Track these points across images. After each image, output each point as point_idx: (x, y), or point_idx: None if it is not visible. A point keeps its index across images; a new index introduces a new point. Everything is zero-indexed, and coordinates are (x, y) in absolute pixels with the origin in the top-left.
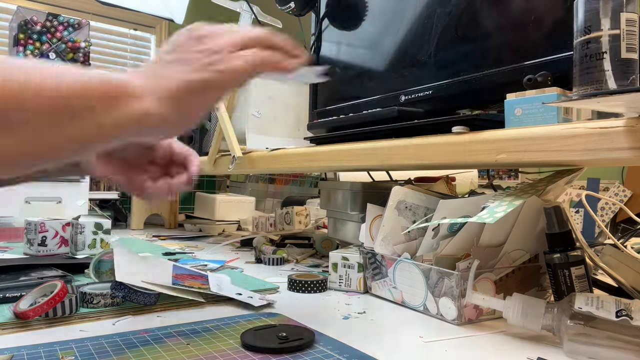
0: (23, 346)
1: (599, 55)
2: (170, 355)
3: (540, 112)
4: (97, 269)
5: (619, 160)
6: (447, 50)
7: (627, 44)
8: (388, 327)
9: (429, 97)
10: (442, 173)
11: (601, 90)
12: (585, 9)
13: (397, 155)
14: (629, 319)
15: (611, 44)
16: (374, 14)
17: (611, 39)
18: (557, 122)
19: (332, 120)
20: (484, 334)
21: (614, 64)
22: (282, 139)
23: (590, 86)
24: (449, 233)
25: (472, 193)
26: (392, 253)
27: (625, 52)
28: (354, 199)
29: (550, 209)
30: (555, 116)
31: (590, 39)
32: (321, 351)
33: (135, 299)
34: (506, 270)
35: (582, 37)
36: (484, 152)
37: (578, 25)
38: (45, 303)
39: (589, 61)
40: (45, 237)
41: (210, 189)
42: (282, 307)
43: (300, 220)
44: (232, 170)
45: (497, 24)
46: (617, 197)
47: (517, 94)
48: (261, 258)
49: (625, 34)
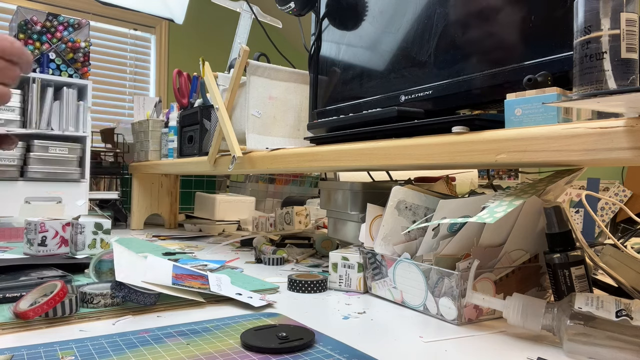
0: (23, 346)
1: (599, 55)
2: (170, 355)
3: (540, 112)
4: (97, 269)
5: (619, 160)
6: (447, 50)
7: (627, 44)
8: (388, 327)
9: (429, 97)
10: (442, 173)
11: (601, 90)
12: (585, 9)
13: (397, 155)
14: (629, 319)
15: (611, 44)
16: (374, 14)
17: (611, 39)
18: (557, 122)
19: (332, 120)
20: (484, 334)
21: (614, 64)
22: (282, 139)
23: (590, 86)
24: (449, 233)
25: (472, 193)
26: (392, 253)
27: (625, 52)
28: (354, 199)
29: (550, 209)
30: (555, 116)
31: (590, 39)
32: (321, 351)
33: (135, 299)
34: (506, 270)
35: (582, 37)
36: (484, 152)
37: (578, 25)
38: (45, 303)
39: (589, 61)
40: (45, 237)
41: (210, 189)
42: (282, 307)
43: (300, 220)
44: (232, 170)
45: (497, 24)
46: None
47: (517, 94)
48: (261, 258)
49: (625, 34)
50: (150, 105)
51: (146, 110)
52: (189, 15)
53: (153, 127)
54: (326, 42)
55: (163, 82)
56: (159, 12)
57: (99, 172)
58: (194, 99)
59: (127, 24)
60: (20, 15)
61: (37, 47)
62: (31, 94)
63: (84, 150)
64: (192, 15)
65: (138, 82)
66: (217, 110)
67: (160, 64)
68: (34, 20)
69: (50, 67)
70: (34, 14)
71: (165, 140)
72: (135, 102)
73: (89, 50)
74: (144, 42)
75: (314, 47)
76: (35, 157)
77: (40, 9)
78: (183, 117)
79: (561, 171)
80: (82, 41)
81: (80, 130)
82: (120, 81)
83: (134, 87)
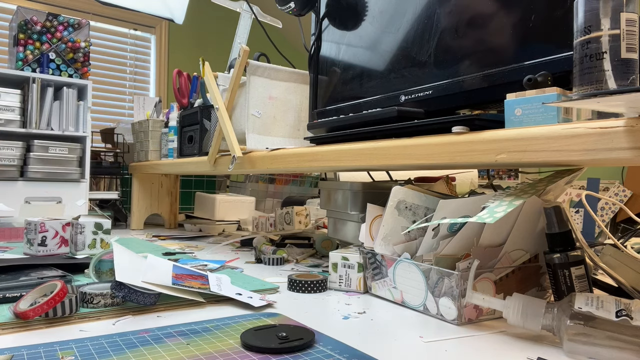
0: (23, 346)
1: (599, 55)
2: (170, 355)
3: (540, 112)
4: (97, 269)
5: (619, 160)
6: (447, 50)
7: (627, 44)
8: (388, 327)
9: (429, 97)
10: (442, 173)
11: (601, 90)
12: (585, 9)
13: (397, 155)
14: (629, 319)
15: (611, 44)
16: (374, 14)
17: (611, 39)
18: (557, 122)
19: (332, 120)
20: (484, 334)
21: (614, 64)
22: (282, 139)
23: (590, 86)
24: (449, 233)
25: (472, 193)
26: (392, 253)
27: (625, 52)
28: (354, 199)
29: (550, 209)
30: (555, 116)
31: (590, 39)
32: (321, 351)
33: (135, 299)
34: (506, 270)
35: (582, 37)
36: (484, 152)
37: (578, 25)
38: (45, 303)
39: (589, 61)
40: (45, 237)
41: (210, 189)
42: (282, 307)
43: (300, 220)
44: (232, 170)
45: (497, 23)
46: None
47: (517, 94)
48: (261, 258)
49: (625, 34)
50: (150, 105)
51: (146, 110)
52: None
53: (153, 127)
54: (326, 42)
55: (163, 82)
56: (159, 12)
57: (99, 172)
58: (194, 99)
59: (127, 24)
60: (20, 15)
61: (37, 47)
62: (31, 94)
63: (84, 150)
64: (192, 15)
65: (138, 82)
66: (217, 110)
67: (160, 64)
68: (34, 20)
69: (50, 67)
70: (34, 14)
71: (165, 140)
72: (135, 102)
73: (89, 50)
74: (144, 42)
75: (314, 47)
76: (35, 157)
77: (40, 9)
78: (183, 117)
79: (561, 171)
80: (82, 41)
81: (80, 130)
82: (120, 81)
83: (134, 87)
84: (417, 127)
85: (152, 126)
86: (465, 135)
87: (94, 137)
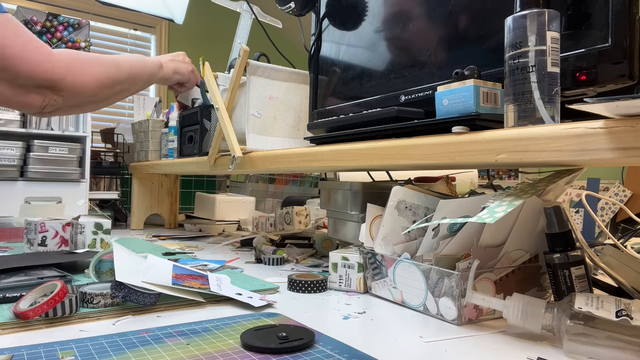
0: (23, 346)
1: (527, 68)
2: (170, 355)
3: (461, 102)
4: (97, 269)
5: (620, 161)
6: (447, 50)
7: (552, 59)
8: (388, 327)
9: (429, 97)
10: (442, 173)
11: (624, 95)
12: (514, 25)
13: (397, 155)
14: (629, 319)
15: (538, 59)
16: (374, 14)
17: (538, 53)
18: (474, 109)
19: (332, 120)
20: (484, 334)
21: (541, 76)
22: (282, 139)
23: (520, 96)
24: (449, 233)
25: (472, 193)
26: (392, 253)
27: (550, 67)
28: (354, 199)
29: (550, 209)
30: (472, 105)
31: (520, 54)
32: (321, 351)
33: (135, 299)
34: (506, 270)
35: (512, 52)
36: (484, 152)
37: (509, 40)
38: (45, 303)
39: (519, 73)
40: (45, 237)
41: (210, 189)
42: (282, 307)
43: (300, 220)
44: (232, 170)
45: (497, 23)
46: (617, 197)
47: (445, 86)
48: (261, 258)
49: (550, 50)
50: (150, 105)
51: (146, 110)
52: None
53: (153, 127)
54: (326, 42)
55: None
56: (159, 12)
57: (99, 172)
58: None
59: (127, 24)
60: (20, 15)
61: None
62: None
63: (84, 150)
64: (192, 15)
65: None
66: (217, 110)
67: None
68: (34, 20)
69: None
70: (34, 14)
71: (165, 140)
72: (135, 102)
73: (89, 50)
74: (144, 42)
75: (314, 47)
76: (35, 157)
77: (40, 9)
78: (183, 117)
79: (561, 171)
80: (82, 41)
81: (80, 130)
82: None
83: None
84: (417, 127)
85: (152, 126)
86: (465, 135)
87: (94, 137)
